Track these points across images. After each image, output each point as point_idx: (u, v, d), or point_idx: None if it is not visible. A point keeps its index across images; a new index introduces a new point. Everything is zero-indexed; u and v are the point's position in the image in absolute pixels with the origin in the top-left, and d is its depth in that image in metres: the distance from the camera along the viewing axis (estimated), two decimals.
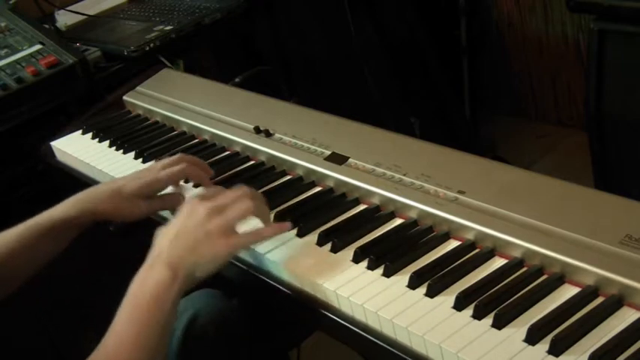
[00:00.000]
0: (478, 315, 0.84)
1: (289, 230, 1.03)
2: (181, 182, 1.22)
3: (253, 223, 1.02)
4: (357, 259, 0.97)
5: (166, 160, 1.19)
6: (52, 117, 1.69)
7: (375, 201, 1.08)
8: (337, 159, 1.16)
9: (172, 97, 1.53)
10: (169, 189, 1.20)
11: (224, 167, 1.29)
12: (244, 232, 0.99)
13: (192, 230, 0.95)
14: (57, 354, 1.79)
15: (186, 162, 1.19)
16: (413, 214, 1.03)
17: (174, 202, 1.16)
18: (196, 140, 1.41)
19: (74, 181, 1.48)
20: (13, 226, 1.14)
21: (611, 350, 0.75)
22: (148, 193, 1.16)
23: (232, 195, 1.00)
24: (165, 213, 1.21)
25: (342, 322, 0.92)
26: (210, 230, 0.95)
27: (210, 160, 1.32)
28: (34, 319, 1.67)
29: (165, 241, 0.96)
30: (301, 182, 1.19)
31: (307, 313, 0.97)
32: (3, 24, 1.82)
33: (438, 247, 0.97)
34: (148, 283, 0.92)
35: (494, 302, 0.84)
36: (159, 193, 1.19)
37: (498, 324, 0.82)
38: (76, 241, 1.17)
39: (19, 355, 1.64)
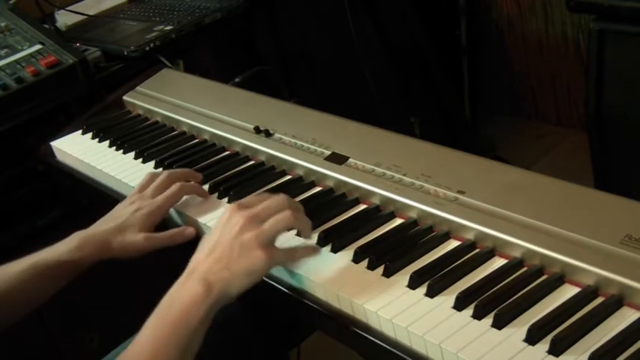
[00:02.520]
0: (478, 315, 0.84)
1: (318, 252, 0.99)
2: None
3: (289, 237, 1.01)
4: (357, 259, 0.97)
5: (154, 184, 1.17)
6: (52, 117, 1.69)
7: (375, 201, 1.08)
8: (337, 159, 1.16)
9: (172, 97, 1.53)
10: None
11: (224, 167, 1.29)
12: (282, 248, 0.95)
13: (227, 243, 0.91)
14: (57, 354, 1.79)
15: (176, 179, 1.18)
16: (413, 214, 1.03)
17: (183, 236, 1.14)
18: (196, 140, 1.41)
19: (74, 181, 1.48)
20: (13, 260, 1.11)
21: (611, 350, 0.75)
22: (152, 223, 1.14)
23: (271, 204, 0.95)
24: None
25: (342, 322, 0.92)
26: (245, 242, 0.91)
27: (210, 160, 1.32)
28: (34, 318, 1.67)
29: (200, 256, 0.92)
30: (301, 182, 1.19)
31: (307, 313, 0.97)
32: (3, 24, 1.82)
33: (438, 247, 0.97)
34: (179, 298, 0.89)
35: (494, 302, 0.84)
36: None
37: (498, 324, 0.82)
38: None
39: (19, 354, 1.64)
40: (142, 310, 1.22)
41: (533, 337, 0.79)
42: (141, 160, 1.38)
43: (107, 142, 1.47)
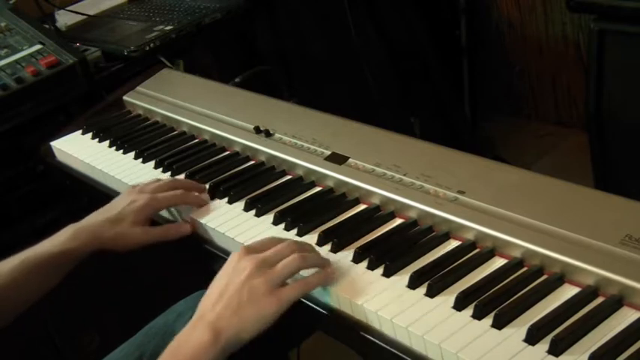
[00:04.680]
0: (478, 315, 0.84)
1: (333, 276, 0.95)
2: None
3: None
4: (357, 259, 0.97)
5: (157, 184, 1.18)
6: (52, 117, 1.69)
7: (375, 201, 1.08)
8: (337, 159, 1.16)
9: (172, 97, 1.53)
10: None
11: (224, 167, 1.29)
12: (292, 283, 0.92)
13: (236, 289, 0.89)
14: (57, 354, 1.78)
15: (179, 185, 1.18)
16: (413, 214, 1.03)
17: (177, 232, 1.14)
18: (196, 140, 1.41)
19: (74, 181, 1.48)
20: (8, 257, 1.11)
21: (611, 350, 0.75)
22: (146, 216, 1.14)
23: (279, 248, 0.94)
24: (165, 213, 1.21)
25: (342, 322, 0.92)
26: (254, 287, 0.89)
27: (210, 160, 1.32)
28: (34, 318, 1.67)
29: (208, 302, 0.90)
30: (301, 182, 1.19)
31: (307, 313, 0.97)
32: (3, 24, 1.82)
33: (438, 247, 0.97)
34: (186, 345, 0.87)
35: (494, 302, 0.84)
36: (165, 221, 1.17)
37: (498, 324, 0.82)
38: None
39: (19, 354, 1.64)
40: (141, 311, 1.22)
41: (533, 337, 0.79)
42: (141, 160, 1.38)
43: (107, 142, 1.47)
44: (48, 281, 1.13)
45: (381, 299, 0.89)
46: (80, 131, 1.55)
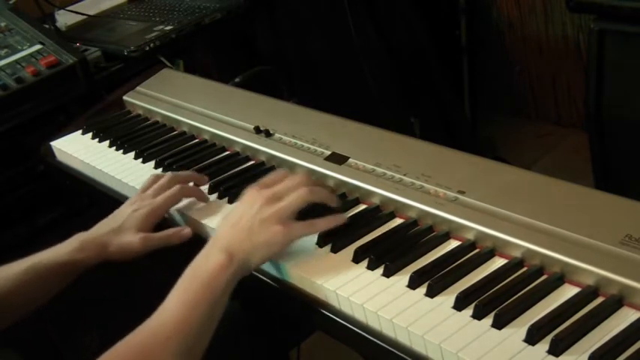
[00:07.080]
0: (478, 315, 0.84)
1: (346, 220, 1.03)
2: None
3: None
4: (357, 259, 0.97)
5: (156, 185, 1.18)
6: (52, 117, 1.69)
7: (375, 201, 1.08)
8: (337, 159, 1.16)
9: (172, 97, 1.53)
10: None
11: (224, 167, 1.28)
12: (302, 222, 1.00)
13: (249, 218, 0.98)
14: (57, 354, 1.79)
15: (178, 182, 1.18)
16: (413, 214, 1.03)
17: (179, 237, 1.14)
18: (196, 140, 1.41)
19: (74, 181, 1.48)
20: (12, 262, 1.12)
21: (611, 350, 0.75)
22: (151, 223, 1.15)
23: (290, 183, 1.02)
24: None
25: (342, 322, 0.92)
26: (265, 218, 0.97)
27: (210, 160, 1.32)
28: (34, 318, 1.67)
29: (223, 230, 0.99)
30: None
31: (307, 313, 0.97)
32: (3, 24, 1.82)
33: (438, 247, 0.97)
34: (203, 266, 0.94)
35: (494, 302, 0.84)
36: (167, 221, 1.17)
37: (498, 324, 0.82)
38: None
39: (19, 354, 1.64)
40: (142, 310, 1.22)
41: (533, 337, 0.79)
42: (141, 160, 1.38)
43: (107, 142, 1.47)
44: (51, 289, 1.14)
45: (381, 299, 0.89)
46: (80, 131, 1.55)
